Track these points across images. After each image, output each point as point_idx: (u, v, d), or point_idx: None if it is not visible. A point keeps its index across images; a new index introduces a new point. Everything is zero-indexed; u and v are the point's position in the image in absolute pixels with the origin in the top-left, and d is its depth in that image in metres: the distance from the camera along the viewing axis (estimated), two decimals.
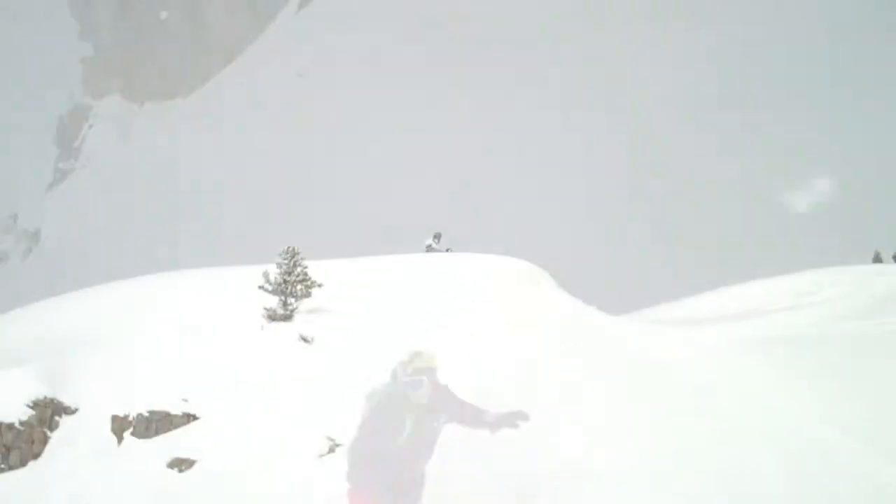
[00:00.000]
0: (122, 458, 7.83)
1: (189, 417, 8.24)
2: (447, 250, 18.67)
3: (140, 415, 8.14)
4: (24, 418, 7.92)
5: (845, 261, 27.33)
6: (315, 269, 11.03)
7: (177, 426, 8.13)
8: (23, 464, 7.76)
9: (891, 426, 7.86)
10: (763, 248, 58.25)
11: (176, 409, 8.25)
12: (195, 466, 7.64)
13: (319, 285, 10.80)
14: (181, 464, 7.65)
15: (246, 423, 8.14)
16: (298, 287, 10.55)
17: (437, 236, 19.26)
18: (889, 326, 12.33)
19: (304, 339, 9.96)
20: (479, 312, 11.44)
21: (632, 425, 7.89)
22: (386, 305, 11.48)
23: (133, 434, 8.04)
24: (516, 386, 8.37)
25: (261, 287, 10.43)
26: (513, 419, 5.06)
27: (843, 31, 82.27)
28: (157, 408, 8.23)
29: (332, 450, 7.55)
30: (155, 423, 8.10)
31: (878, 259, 32.14)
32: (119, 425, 8.11)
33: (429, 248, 18.88)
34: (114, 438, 8.07)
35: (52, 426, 8.13)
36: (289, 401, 8.52)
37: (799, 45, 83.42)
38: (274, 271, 10.57)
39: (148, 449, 7.91)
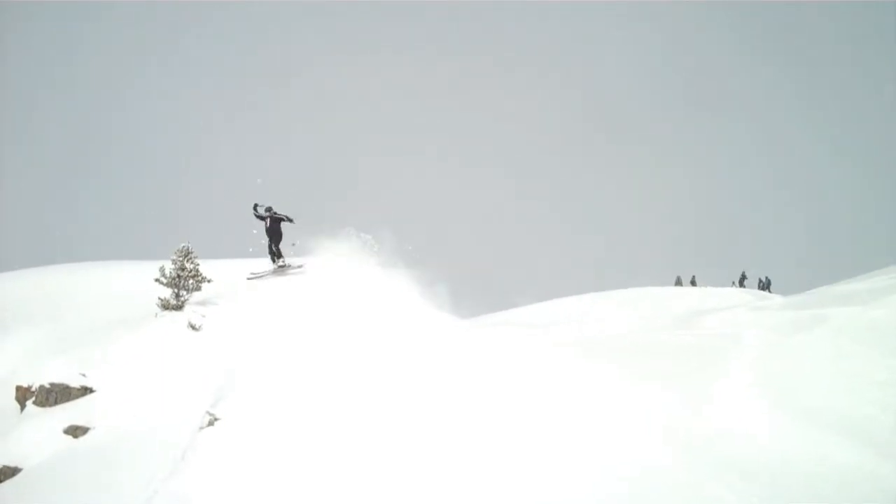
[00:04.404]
0: (24, 423, 9.09)
1: (86, 390, 9.56)
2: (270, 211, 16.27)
3: (42, 386, 9.43)
4: None
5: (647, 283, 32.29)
6: (207, 267, 12.48)
7: (75, 398, 9.45)
8: None
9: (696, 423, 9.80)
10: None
11: (74, 383, 9.57)
12: (88, 433, 9.00)
13: (209, 281, 12.26)
14: (76, 430, 8.98)
15: (136, 397, 9.56)
16: (190, 281, 11.97)
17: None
18: (685, 338, 15.11)
19: (192, 327, 11.40)
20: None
21: None
22: (263, 300, 13.14)
23: (35, 403, 9.31)
24: None
25: (157, 280, 11.78)
26: None
27: None
28: (57, 381, 9.51)
29: (211, 423, 9.08)
30: (55, 394, 9.39)
31: (678, 283, 37.46)
32: (22, 395, 9.37)
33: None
34: (16, 406, 9.31)
35: None
36: (176, 379, 10.00)
37: None
38: (169, 266, 11.93)
39: (47, 416, 9.20)
